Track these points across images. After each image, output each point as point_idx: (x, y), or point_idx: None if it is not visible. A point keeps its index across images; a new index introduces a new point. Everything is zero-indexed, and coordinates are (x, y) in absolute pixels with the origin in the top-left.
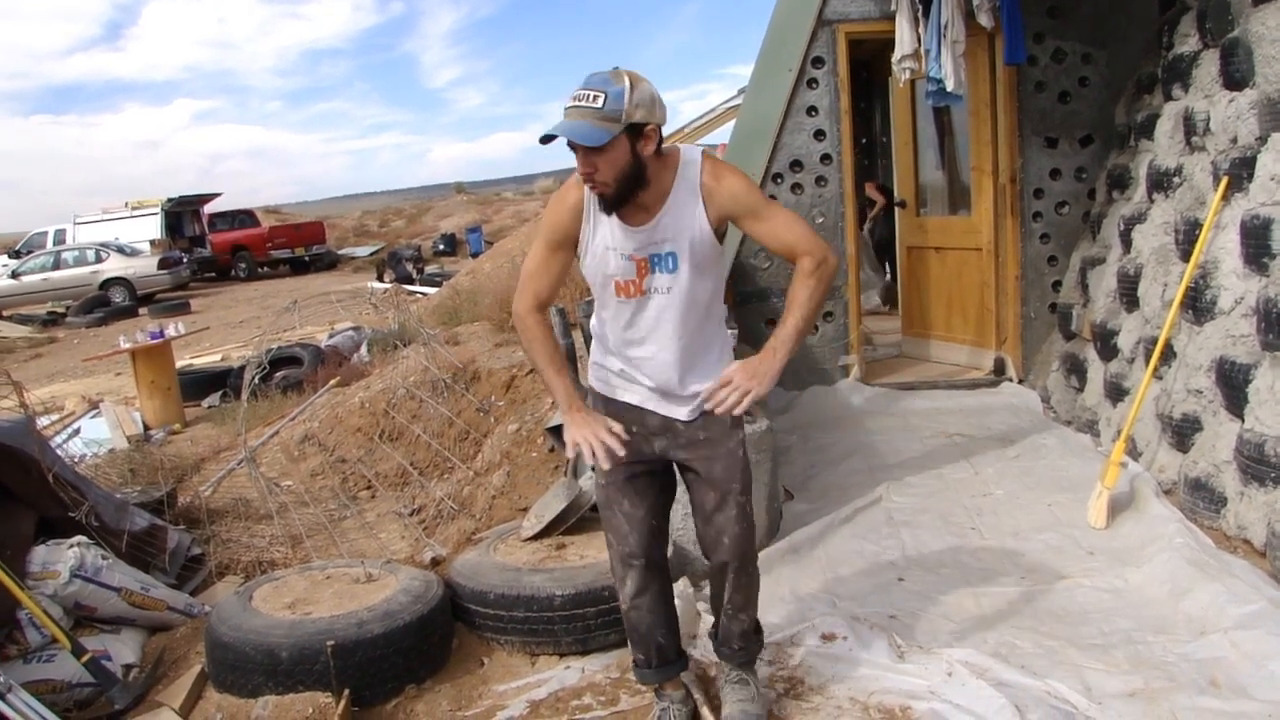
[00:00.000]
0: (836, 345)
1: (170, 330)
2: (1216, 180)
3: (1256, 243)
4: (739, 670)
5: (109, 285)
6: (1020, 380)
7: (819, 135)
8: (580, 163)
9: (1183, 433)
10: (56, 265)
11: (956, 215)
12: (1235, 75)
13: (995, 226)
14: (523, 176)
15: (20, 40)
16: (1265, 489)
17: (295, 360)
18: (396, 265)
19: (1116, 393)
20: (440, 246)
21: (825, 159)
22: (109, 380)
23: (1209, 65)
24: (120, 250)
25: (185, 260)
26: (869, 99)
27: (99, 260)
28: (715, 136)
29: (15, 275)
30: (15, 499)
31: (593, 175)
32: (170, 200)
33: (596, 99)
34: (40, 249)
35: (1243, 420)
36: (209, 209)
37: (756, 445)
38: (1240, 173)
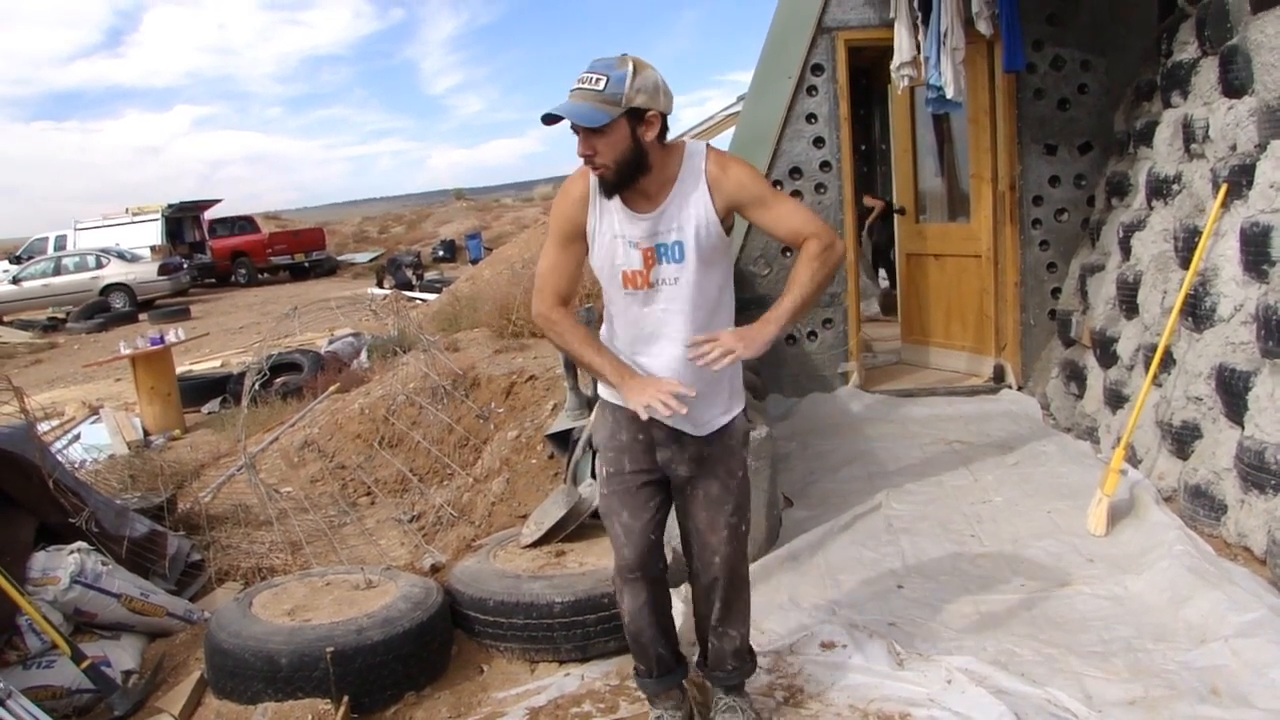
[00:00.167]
0: (836, 352)
1: (170, 336)
2: (1216, 187)
3: (1256, 250)
4: (730, 696)
5: (109, 291)
6: (1020, 387)
7: (818, 142)
8: (580, 144)
9: (1183, 440)
10: (57, 271)
11: (956, 222)
12: (1234, 82)
13: (994, 233)
14: (522, 183)
15: (22, 47)
16: (1265, 496)
17: (295, 366)
18: (396, 271)
19: (1116, 400)
20: (440, 253)
21: (824, 166)
22: (109, 386)
23: (1208, 72)
24: (121, 256)
25: (185, 266)
26: (868, 106)
27: (99, 266)
28: (715, 143)
29: (16, 281)
30: (15, 505)
31: (592, 157)
32: (171, 206)
33: (599, 81)
34: (41, 255)
35: (1243, 427)
36: (209, 215)
37: (756, 452)
38: (1239, 180)
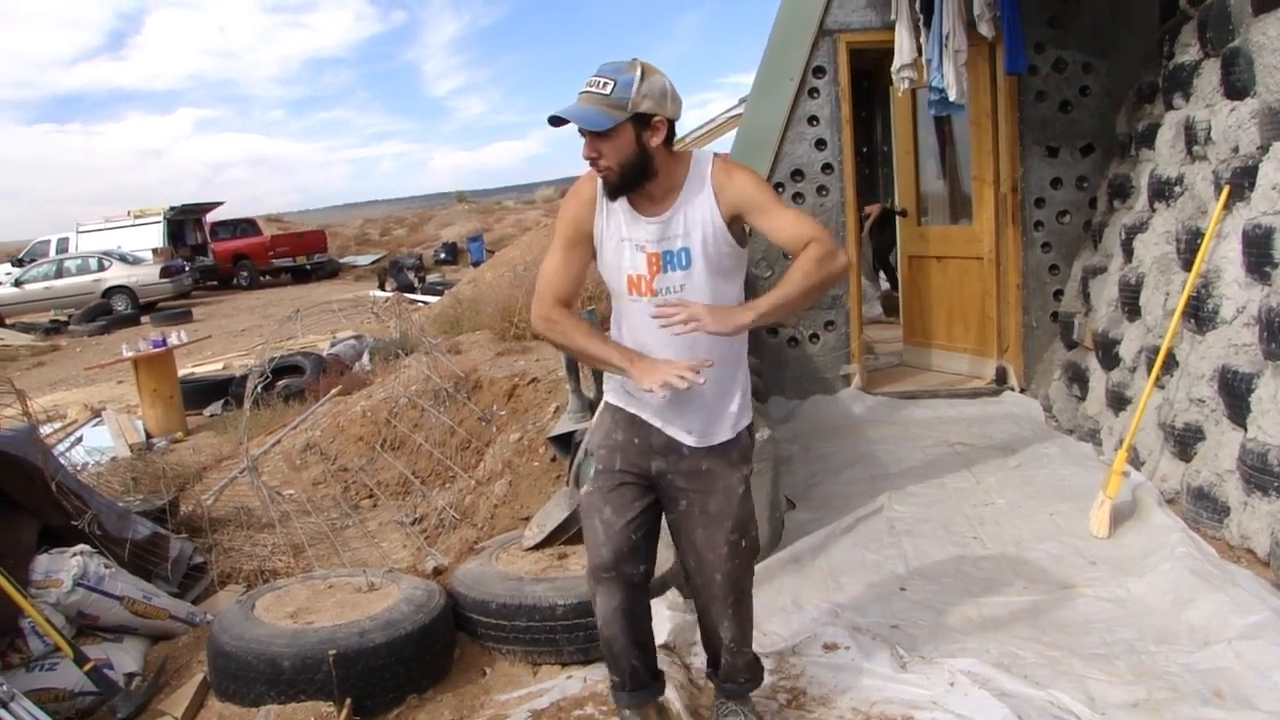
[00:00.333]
0: (838, 354)
1: (172, 339)
2: (1218, 189)
3: (1258, 252)
4: (734, 700)
5: (111, 293)
6: (1022, 389)
7: (820, 145)
8: (586, 146)
9: (1185, 442)
10: (59, 273)
11: (958, 224)
12: (1236, 84)
13: (996, 235)
14: (524, 185)
15: (24, 49)
16: (1268, 498)
17: (297, 369)
18: (398, 274)
19: (1118, 402)
20: (442, 255)
21: (826, 168)
22: (111, 389)
23: (1210, 75)
24: (123, 259)
25: (187, 269)
26: (870, 108)
27: (101, 269)
28: (716, 146)
29: (18, 283)
30: (18, 507)
31: (597, 160)
32: (173, 209)
33: (605, 85)
34: (43, 257)
35: (1245, 430)
36: (211, 217)
37: (758, 454)
38: (1242, 182)
